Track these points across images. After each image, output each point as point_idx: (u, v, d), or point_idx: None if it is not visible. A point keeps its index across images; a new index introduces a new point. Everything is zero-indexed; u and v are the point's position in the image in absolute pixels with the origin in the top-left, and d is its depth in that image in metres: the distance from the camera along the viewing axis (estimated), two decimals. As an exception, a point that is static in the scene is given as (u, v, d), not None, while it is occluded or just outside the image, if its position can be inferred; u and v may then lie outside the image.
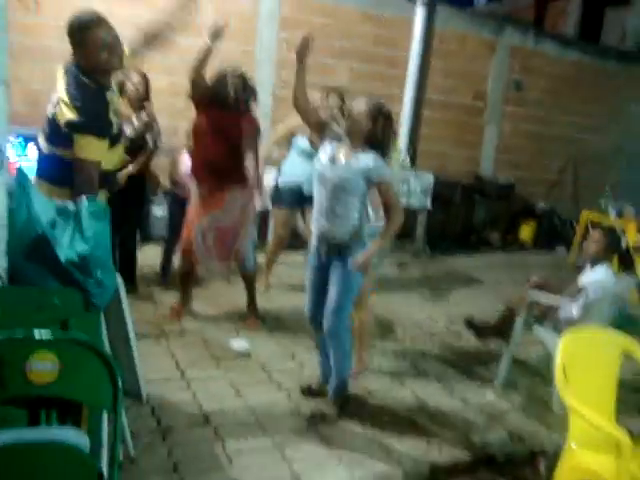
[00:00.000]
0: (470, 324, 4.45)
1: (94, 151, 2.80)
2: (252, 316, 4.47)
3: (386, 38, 7.48)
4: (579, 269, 4.17)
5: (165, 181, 5.35)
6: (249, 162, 4.01)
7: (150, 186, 5.28)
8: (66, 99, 2.79)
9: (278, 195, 5.05)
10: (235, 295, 4.77)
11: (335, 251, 3.13)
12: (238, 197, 4.11)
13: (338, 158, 3.10)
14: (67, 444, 1.71)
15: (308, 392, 3.46)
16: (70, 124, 2.75)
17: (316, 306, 3.27)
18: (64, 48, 3.28)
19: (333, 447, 2.99)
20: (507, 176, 8.49)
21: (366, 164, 3.01)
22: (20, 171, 1.95)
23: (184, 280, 4.41)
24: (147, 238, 6.27)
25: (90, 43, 2.79)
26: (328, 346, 3.27)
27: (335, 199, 3.06)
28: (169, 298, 4.65)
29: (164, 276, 5.11)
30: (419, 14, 7.41)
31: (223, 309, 4.68)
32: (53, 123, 2.83)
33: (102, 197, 2.85)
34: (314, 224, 3.20)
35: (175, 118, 6.47)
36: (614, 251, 4.05)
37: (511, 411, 3.61)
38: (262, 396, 3.41)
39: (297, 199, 4.92)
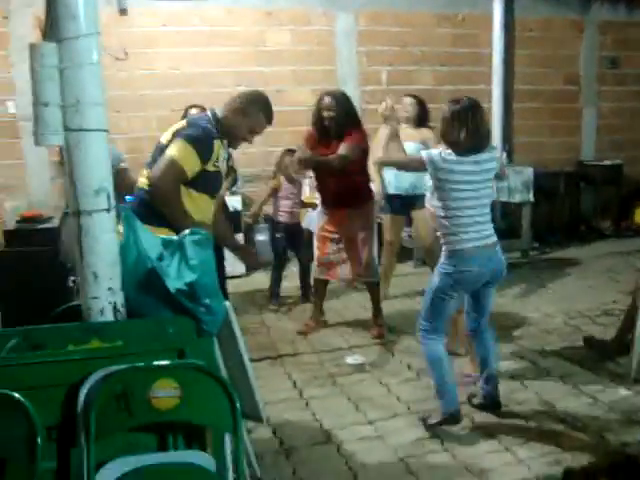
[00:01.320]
0: (590, 343, 4.19)
1: (187, 158, 2.80)
2: (377, 325, 4.55)
3: (465, 37, 7.35)
4: None
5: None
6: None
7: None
8: (180, 123, 2.95)
9: (386, 203, 5.20)
10: (348, 309, 4.81)
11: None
12: (357, 212, 4.34)
13: None
14: (196, 466, 1.77)
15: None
16: (177, 131, 2.86)
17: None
18: (156, 95, 3.47)
19: (459, 457, 2.91)
20: (612, 158, 8.04)
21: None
22: (125, 209, 2.06)
23: (319, 291, 4.67)
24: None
25: (251, 123, 3.02)
26: None
27: None
28: (281, 322, 4.76)
29: (275, 298, 5.23)
30: (496, 6, 7.24)
31: (337, 324, 4.74)
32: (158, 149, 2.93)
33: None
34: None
35: (266, 144, 6.64)
36: None
37: (648, 407, 3.37)
38: (382, 410, 3.38)
39: (404, 206, 5.12)
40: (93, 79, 1.87)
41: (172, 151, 2.80)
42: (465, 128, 2.94)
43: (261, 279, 5.94)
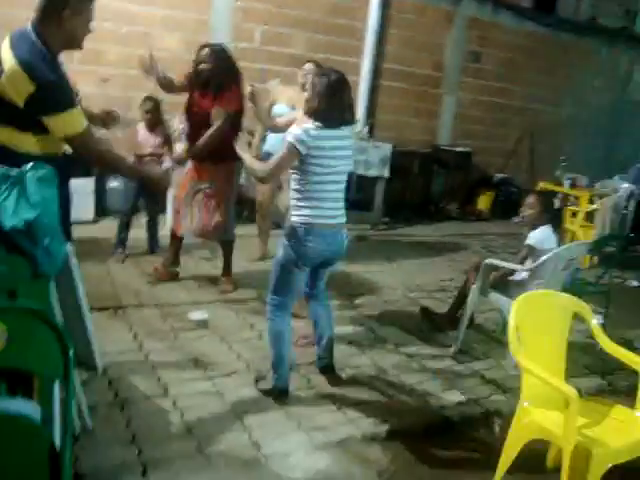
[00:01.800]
0: (425, 314, 4.46)
1: (79, 122, 2.59)
2: (227, 281, 4.59)
3: (343, 7, 7.40)
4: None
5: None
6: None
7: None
8: (19, 70, 2.44)
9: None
10: (199, 267, 4.76)
11: None
12: (222, 170, 4.30)
13: None
14: (17, 415, 1.67)
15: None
16: (32, 98, 2.44)
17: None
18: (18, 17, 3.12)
19: (292, 414, 3.02)
20: (464, 146, 8.56)
21: None
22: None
23: (174, 241, 4.60)
24: (104, 211, 6.17)
25: (83, 15, 2.60)
26: None
27: None
28: (127, 272, 4.60)
29: (120, 247, 5.03)
30: (377, -17, 7.37)
31: (186, 280, 4.67)
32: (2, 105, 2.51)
33: None
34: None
35: (128, 89, 6.32)
36: (549, 212, 4.10)
37: (468, 376, 3.68)
38: (221, 367, 3.40)
39: None
40: None
41: (68, 130, 2.56)
42: (337, 102, 2.93)
43: (109, 227, 5.68)
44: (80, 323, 2.28)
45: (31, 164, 1.89)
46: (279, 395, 3.14)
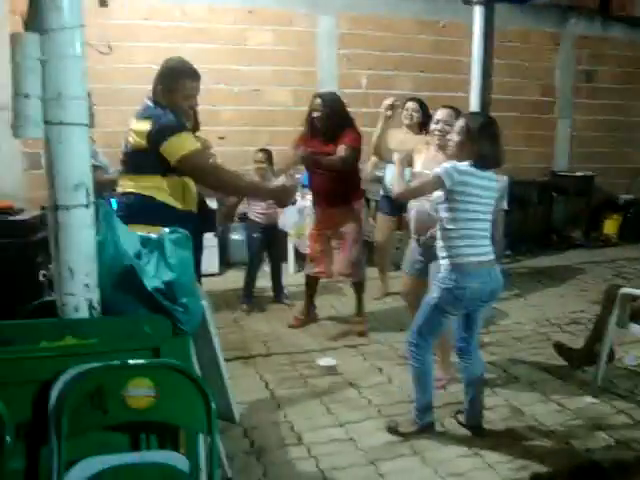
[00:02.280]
0: (560, 350, 4.24)
1: (189, 142, 2.88)
2: (360, 323, 4.66)
3: (445, 44, 7.41)
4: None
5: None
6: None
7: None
8: (138, 122, 2.91)
9: (381, 204, 5.36)
10: (321, 309, 4.85)
11: None
12: (348, 212, 4.44)
13: None
14: (168, 466, 1.76)
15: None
16: (149, 134, 2.83)
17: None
18: (136, 90, 3.47)
19: (428, 460, 2.94)
20: (585, 170, 8.18)
21: None
22: (103, 205, 2.04)
23: (309, 287, 4.76)
24: (227, 263, 6.44)
25: (178, 91, 3.01)
26: None
27: None
28: (254, 321, 4.75)
29: (247, 298, 5.21)
30: (477, 15, 7.24)
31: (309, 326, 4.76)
32: (132, 154, 2.95)
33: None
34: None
35: (244, 145, 6.64)
36: None
37: (613, 415, 3.43)
38: (353, 413, 3.39)
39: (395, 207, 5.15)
40: (75, 72, 1.84)
41: (176, 154, 2.84)
42: (491, 143, 2.93)
43: (235, 277, 5.93)
44: (217, 375, 2.37)
45: (168, 230, 2.01)
46: (430, 430, 3.13)
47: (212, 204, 6.04)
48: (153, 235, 2.03)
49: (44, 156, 1.90)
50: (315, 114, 4.31)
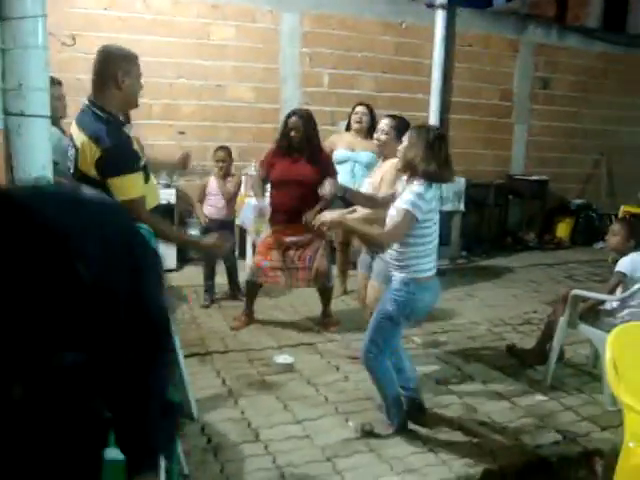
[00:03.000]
0: (512, 352, 4.36)
1: (135, 188, 2.70)
2: (330, 321, 4.75)
3: (408, 46, 7.49)
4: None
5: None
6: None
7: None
8: (88, 145, 2.58)
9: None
10: (278, 308, 4.82)
11: None
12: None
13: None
14: (123, 461, 1.74)
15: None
16: (102, 166, 2.58)
17: None
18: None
19: (383, 457, 2.98)
20: (539, 174, 8.40)
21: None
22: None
23: (252, 291, 4.70)
24: (185, 259, 6.39)
25: (134, 74, 2.76)
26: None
27: None
28: (212, 318, 4.72)
29: (208, 294, 5.19)
30: (439, 18, 7.45)
31: (267, 324, 4.74)
32: (80, 178, 2.57)
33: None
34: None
35: (203, 140, 6.59)
36: (637, 237, 3.93)
37: (561, 412, 3.54)
38: (310, 410, 3.41)
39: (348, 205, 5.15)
40: (38, 63, 1.82)
41: (121, 196, 2.61)
42: (440, 158, 2.87)
43: (192, 273, 5.89)
44: (176, 372, 2.36)
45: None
46: (404, 428, 3.18)
47: (170, 199, 6.03)
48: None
49: (2, 148, 1.86)
50: (294, 133, 4.32)
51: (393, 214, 2.93)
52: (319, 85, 7.09)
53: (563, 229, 8.63)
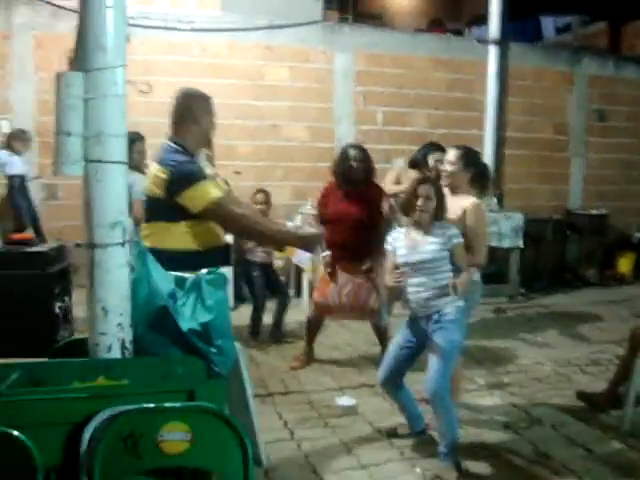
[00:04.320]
0: (583, 397, 4.17)
1: (211, 192, 2.75)
2: None
3: (460, 82, 7.48)
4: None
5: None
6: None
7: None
8: (157, 168, 2.81)
9: None
10: (337, 348, 4.76)
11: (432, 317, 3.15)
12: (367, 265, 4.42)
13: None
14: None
15: (393, 435, 3.49)
16: (166, 183, 2.71)
17: (394, 372, 3.30)
18: (155, 123, 3.52)
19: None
20: (598, 208, 8.18)
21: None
22: (139, 244, 2.02)
23: (312, 330, 4.68)
24: (242, 299, 6.40)
25: (210, 112, 2.97)
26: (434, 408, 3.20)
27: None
28: (270, 357, 4.68)
29: (254, 335, 5.17)
30: (491, 54, 7.40)
31: (327, 365, 4.70)
32: (152, 203, 2.85)
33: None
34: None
35: (259, 179, 6.67)
36: None
37: (643, 460, 3.34)
38: (375, 454, 3.31)
39: None
40: (117, 111, 1.85)
41: (199, 204, 2.73)
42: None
43: (248, 313, 5.88)
44: (246, 416, 2.32)
45: (206, 270, 1.99)
46: (462, 472, 3.11)
47: (228, 238, 6.06)
48: (189, 275, 2.01)
49: (82, 194, 1.89)
50: (356, 164, 4.34)
51: (461, 241, 3.17)
52: (373, 123, 7.12)
53: (625, 264, 8.34)
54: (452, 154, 3.73)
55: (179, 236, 2.81)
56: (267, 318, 5.36)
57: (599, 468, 3.24)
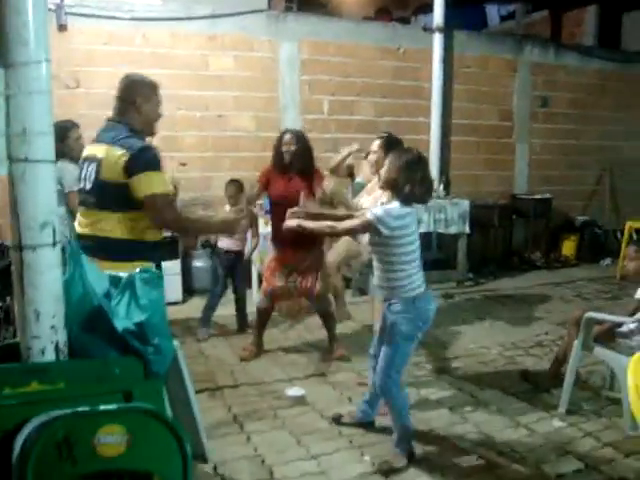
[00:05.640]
0: (526, 377, 4.29)
1: (161, 184, 2.86)
2: (337, 348, 4.65)
3: (406, 70, 7.52)
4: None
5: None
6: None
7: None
8: (114, 152, 2.83)
9: None
10: (288, 339, 4.76)
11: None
12: (312, 251, 4.44)
13: None
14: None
15: (337, 422, 3.54)
16: (128, 166, 2.78)
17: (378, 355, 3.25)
18: (94, 115, 3.48)
19: (404, 493, 2.91)
20: (542, 192, 8.38)
21: None
22: (71, 244, 1.97)
23: (262, 320, 4.66)
24: (190, 290, 6.34)
25: (154, 102, 3.05)
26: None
27: None
28: (218, 350, 4.65)
29: (204, 326, 5.13)
30: (436, 42, 7.48)
31: (275, 355, 4.69)
32: (101, 187, 2.87)
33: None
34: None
35: (206, 170, 6.59)
36: None
37: (581, 438, 3.45)
38: (324, 444, 3.33)
39: None
40: (42, 108, 1.79)
41: (145, 190, 2.81)
42: (419, 180, 2.97)
43: (198, 305, 5.81)
44: (188, 414, 2.30)
45: (138, 269, 1.96)
46: (413, 455, 3.16)
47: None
48: (123, 274, 1.97)
49: (8, 194, 1.83)
50: (286, 148, 4.37)
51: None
52: (319, 112, 7.10)
53: (569, 247, 8.58)
54: (374, 143, 3.98)
55: (123, 225, 2.87)
56: (221, 310, 5.33)
57: (541, 447, 3.35)
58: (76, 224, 3.09)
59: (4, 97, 1.74)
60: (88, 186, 2.94)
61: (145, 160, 2.83)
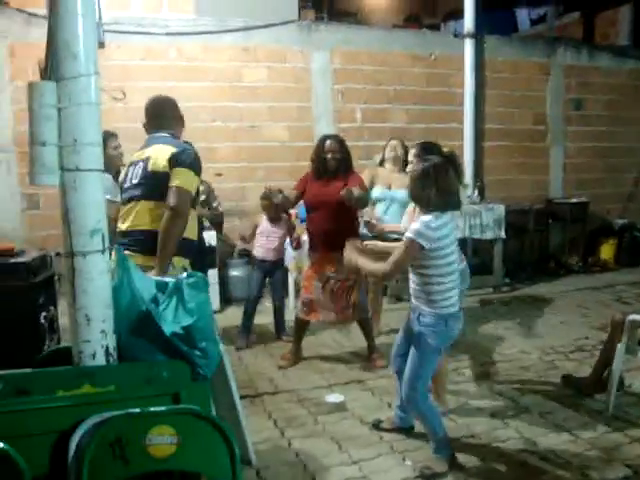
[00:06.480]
0: (568, 382, 4.22)
1: (190, 184, 3.03)
2: (376, 356, 4.64)
3: (438, 76, 7.52)
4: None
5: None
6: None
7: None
8: (163, 148, 3.09)
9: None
10: (326, 346, 4.77)
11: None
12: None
13: None
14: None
15: (377, 427, 3.54)
16: (172, 158, 3.02)
17: (401, 356, 3.25)
18: (132, 128, 3.69)
19: (445, 497, 2.89)
20: (579, 196, 8.26)
21: None
22: (119, 250, 2.03)
23: (300, 328, 4.70)
24: (228, 300, 6.40)
25: (181, 119, 3.40)
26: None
27: None
28: (258, 358, 4.69)
29: (243, 334, 5.17)
30: (467, 47, 7.46)
31: (315, 362, 4.72)
32: (147, 177, 3.08)
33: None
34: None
35: (241, 180, 6.67)
36: None
37: (628, 444, 3.38)
38: (365, 450, 3.33)
39: None
40: (91, 119, 1.86)
41: (175, 181, 3.00)
42: (436, 188, 2.88)
43: (236, 314, 5.87)
44: (233, 417, 2.33)
45: (186, 274, 2.00)
46: (456, 463, 3.13)
47: (212, 241, 6.07)
48: (170, 279, 2.02)
49: (60, 203, 1.89)
50: (331, 155, 4.41)
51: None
52: (352, 121, 7.14)
53: (607, 251, 8.42)
54: (410, 153, 3.96)
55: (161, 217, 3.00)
56: (260, 318, 5.35)
57: (586, 452, 3.29)
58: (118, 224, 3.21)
59: (56, 109, 1.80)
60: (134, 181, 3.12)
61: (190, 159, 3.06)
